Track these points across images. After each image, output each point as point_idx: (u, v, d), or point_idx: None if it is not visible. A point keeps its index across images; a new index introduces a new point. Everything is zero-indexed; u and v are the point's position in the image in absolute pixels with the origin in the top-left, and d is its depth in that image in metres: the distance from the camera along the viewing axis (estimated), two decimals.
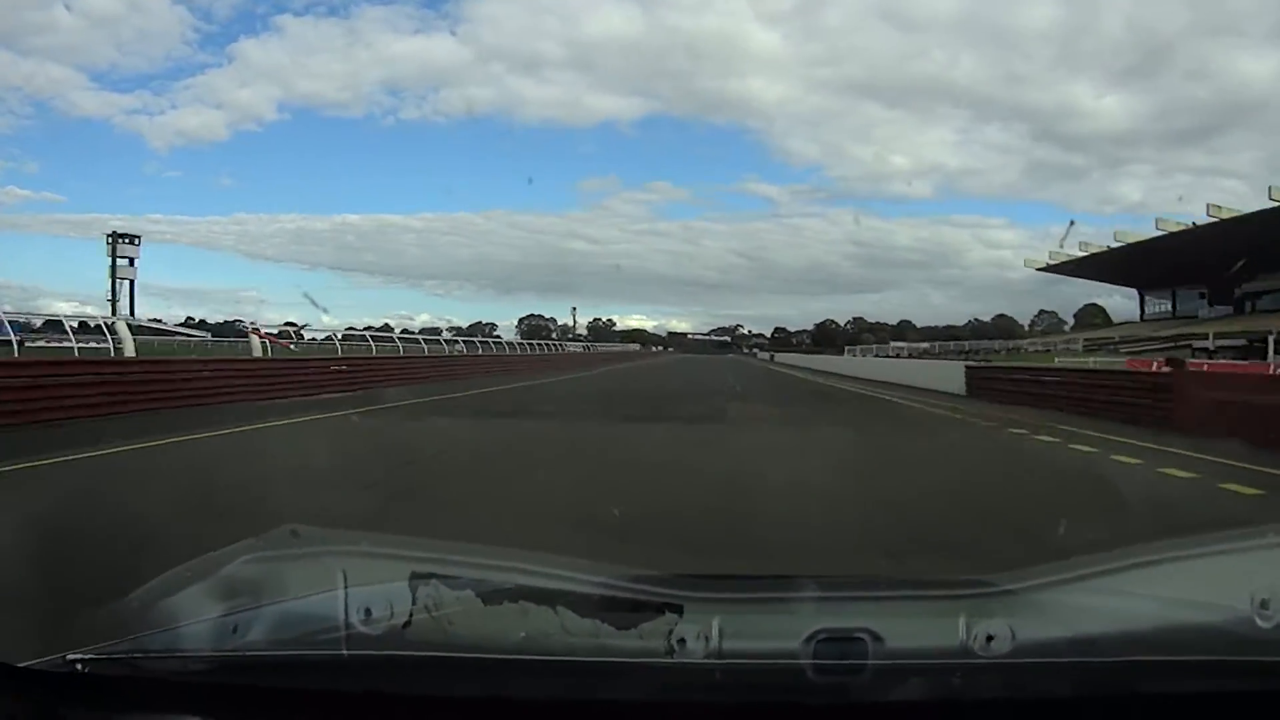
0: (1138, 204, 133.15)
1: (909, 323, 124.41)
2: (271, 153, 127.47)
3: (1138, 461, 12.14)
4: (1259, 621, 1.72)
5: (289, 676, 1.65)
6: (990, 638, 1.62)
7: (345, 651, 1.65)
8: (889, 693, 1.55)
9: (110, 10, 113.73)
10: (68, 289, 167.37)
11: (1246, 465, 10.97)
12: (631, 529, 7.01)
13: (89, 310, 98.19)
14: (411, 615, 1.80)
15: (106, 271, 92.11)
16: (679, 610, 1.83)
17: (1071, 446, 14.15)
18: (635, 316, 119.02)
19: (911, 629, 1.99)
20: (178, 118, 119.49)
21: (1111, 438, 14.83)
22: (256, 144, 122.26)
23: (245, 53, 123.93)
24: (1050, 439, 15.35)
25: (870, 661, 1.57)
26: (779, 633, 1.88)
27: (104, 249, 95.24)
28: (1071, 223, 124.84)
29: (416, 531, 6.34)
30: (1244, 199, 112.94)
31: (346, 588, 1.81)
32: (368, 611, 1.74)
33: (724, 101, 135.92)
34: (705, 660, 1.62)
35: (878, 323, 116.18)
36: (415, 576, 1.95)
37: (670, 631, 1.70)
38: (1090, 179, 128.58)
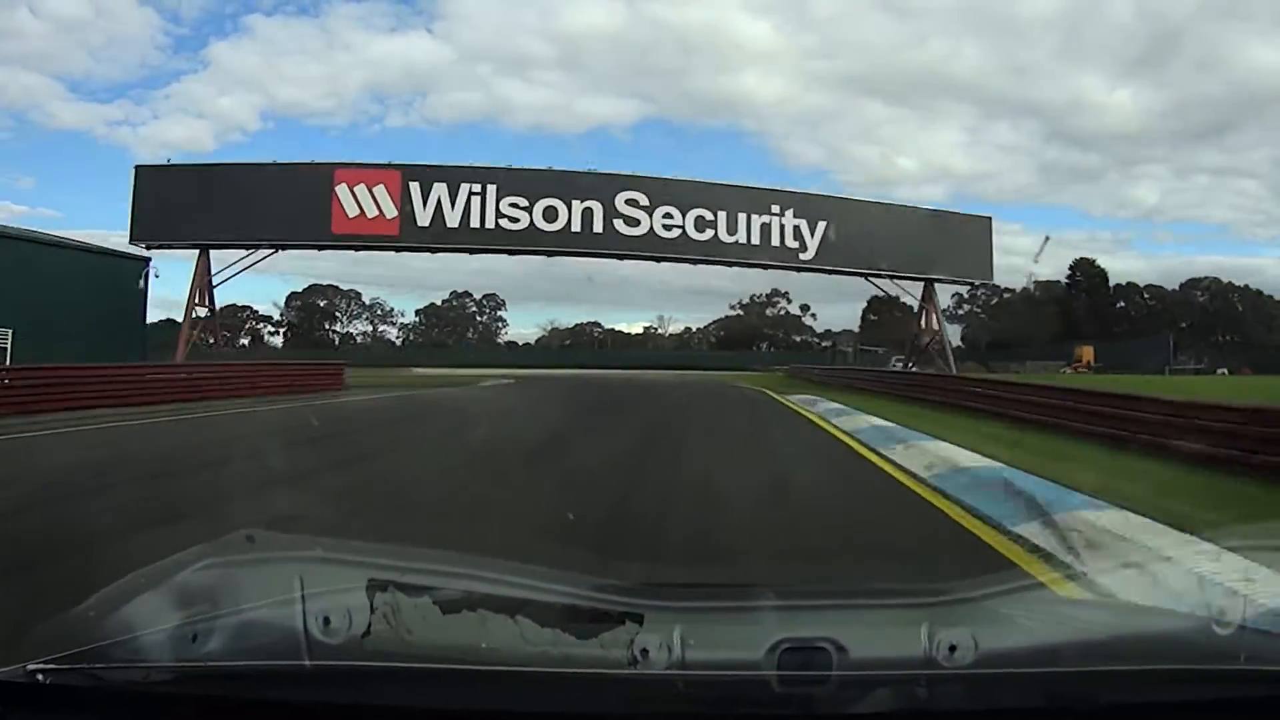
0: (1153, 209, 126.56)
1: None
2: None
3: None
4: (1216, 629, 1.74)
5: (250, 687, 1.64)
6: (953, 647, 1.63)
7: (306, 662, 1.64)
8: (853, 704, 1.56)
9: (75, 14, 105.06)
10: None
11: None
12: None
13: None
14: (371, 624, 1.79)
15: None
16: (640, 620, 1.83)
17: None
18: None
19: (875, 639, 1.99)
20: (161, 128, 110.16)
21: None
22: (244, 154, 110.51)
23: (219, 57, 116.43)
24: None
25: (834, 672, 1.57)
26: (742, 643, 1.87)
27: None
28: (1046, 239, 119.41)
29: None
30: (1259, 201, 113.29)
31: (304, 595, 1.79)
32: (327, 620, 1.73)
33: (719, 101, 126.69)
34: (668, 671, 1.61)
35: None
36: (373, 584, 1.94)
37: (632, 641, 1.69)
38: (1106, 180, 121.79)
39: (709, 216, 47.49)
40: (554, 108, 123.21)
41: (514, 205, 46.63)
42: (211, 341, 49.09)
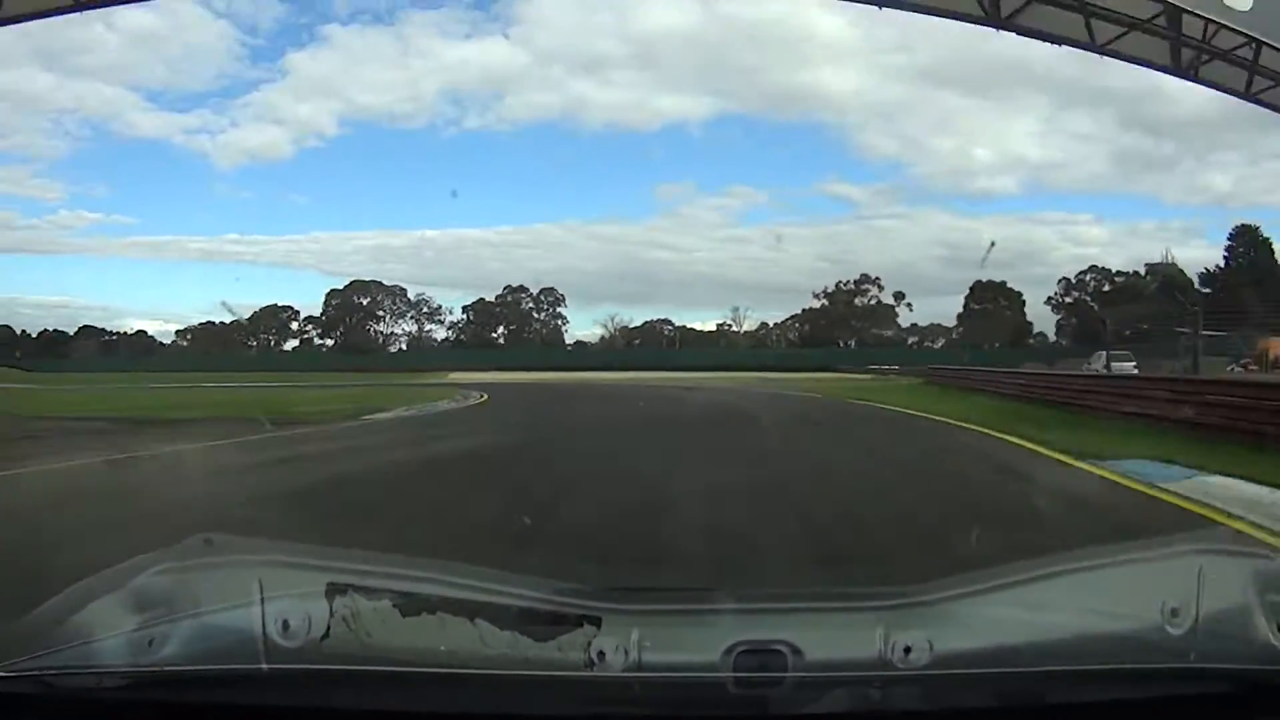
0: (1227, 194, 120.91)
1: None
2: (339, 168, 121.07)
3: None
4: (1170, 629, 1.76)
5: (207, 691, 1.63)
6: (908, 649, 1.63)
7: (264, 665, 1.62)
8: (808, 705, 1.58)
9: (151, 27, 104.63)
10: (148, 308, 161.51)
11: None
12: None
13: (171, 328, 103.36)
14: (330, 627, 1.81)
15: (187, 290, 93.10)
16: (598, 623, 1.86)
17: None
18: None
19: (830, 641, 2.02)
20: (240, 136, 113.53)
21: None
22: (323, 160, 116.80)
23: (297, 66, 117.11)
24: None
25: (789, 674, 1.59)
26: (698, 645, 1.91)
27: (183, 270, 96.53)
28: (992, 243, 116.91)
29: None
30: None
31: (263, 599, 1.79)
32: (285, 624, 1.72)
33: (794, 95, 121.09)
34: (624, 674, 1.62)
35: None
36: (332, 587, 1.99)
37: (589, 644, 1.70)
38: (1180, 168, 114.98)
39: None
40: (629, 106, 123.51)
41: None
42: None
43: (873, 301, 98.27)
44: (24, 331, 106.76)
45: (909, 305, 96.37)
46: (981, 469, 13.20)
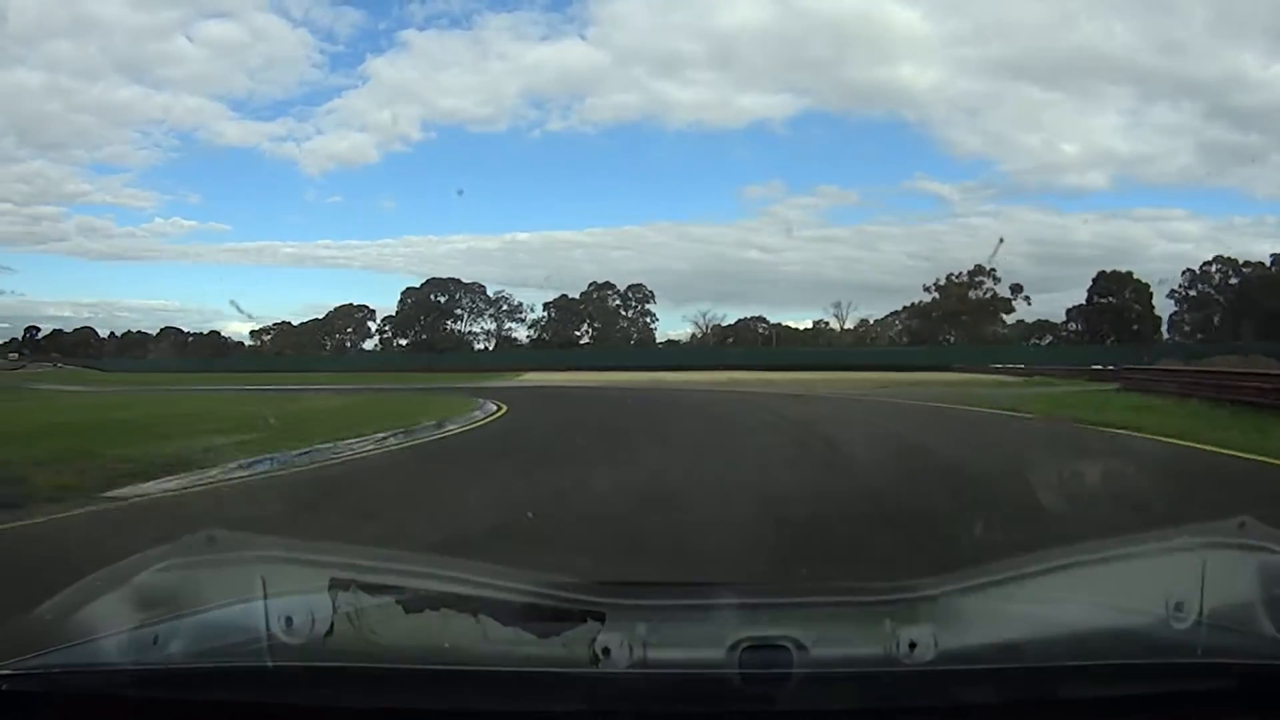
0: None
1: None
2: (427, 172, 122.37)
3: None
4: (1174, 624, 1.75)
5: (211, 688, 1.62)
6: (913, 645, 1.62)
7: (269, 663, 1.63)
8: (815, 701, 1.58)
9: (232, 38, 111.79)
10: (234, 310, 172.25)
11: None
12: None
13: (246, 328, 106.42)
14: (333, 624, 1.81)
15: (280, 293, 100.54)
16: (602, 618, 1.83)
17: None
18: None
19: (835, 637, 2.02)
20: (325, 143, 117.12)
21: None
22: (408, 164, 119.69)
23: (377, 72, 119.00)
24: None
25: (795, 670, 1.58)
26: (703, 641, 1.90)
27: (274, 274, 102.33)
28: (1000, 240, 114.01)
29: None
30: None
31: (266, 596, 1.79)
32: (289, 620, 1.72)
33: (875, 91, 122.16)
34: (630, 670, 1.61)
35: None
36: (335, 583, 1.97)
37: (594, 640, 1.68)
38: (1270, 161, 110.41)
39: None
40: (711, 105, 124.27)
41: None
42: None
43: (987, 294, 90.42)
44: (111, 334, 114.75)
45: (1026, 299, 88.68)
46: None
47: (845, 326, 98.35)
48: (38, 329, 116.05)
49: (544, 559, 5.94)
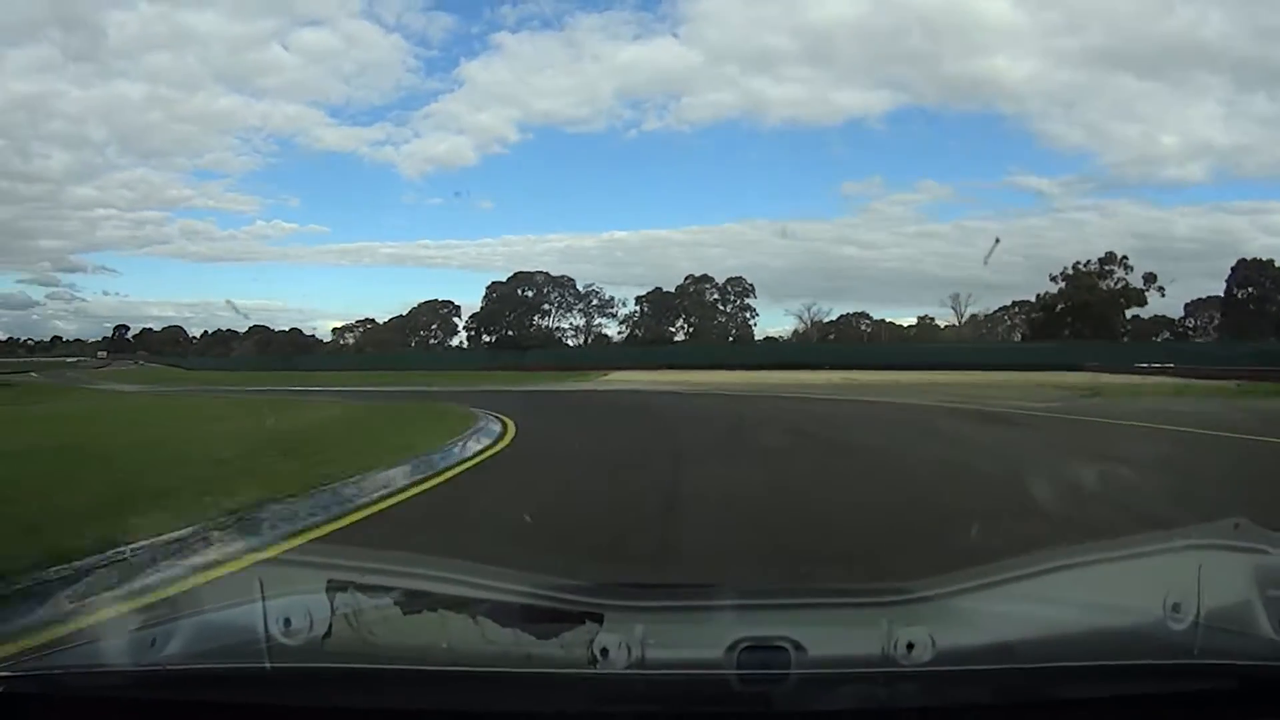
0: None
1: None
2: (524, 173, 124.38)
3: None
4: (1171, 625, 1.76)
5: (211, 690, 1.63)
6: (911, 645, 1.63)
7: (267, 664, 1.62)
8: (812, 702, 1.58)
9: (326, 46, 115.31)
10: (339, 310, 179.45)
11: None
12: None
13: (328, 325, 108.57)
14: (331, 626, 1.80)
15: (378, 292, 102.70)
16: (600, 619, 1.83)
17: None
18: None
19: (833, 638, 2.02)
20: (423, 146, 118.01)
21: None
22: (506, 166, 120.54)
23: (472, 75, 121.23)
24: None
25: (793, 671, 1.58)
26: (701, 642, 1.90)
27: (370, 275, 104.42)
28: (997, 240, 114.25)
29: None
30: None
31: (264, 597, 1.77)
32: (287, 622, 1.71)
33: (970, 84, 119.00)
34: (628, 671, 1.61)
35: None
36: (334, 585, 1.96)
37: (592, 641, 1.69)
38: None
39: None
40: (806, 102, 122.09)
41: None
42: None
43: (1119, 285, 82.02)
44: (205, 332, 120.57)
45: (1160, 290, 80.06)
46: None
47: (963, 321, 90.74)
48: (127, 327, 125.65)
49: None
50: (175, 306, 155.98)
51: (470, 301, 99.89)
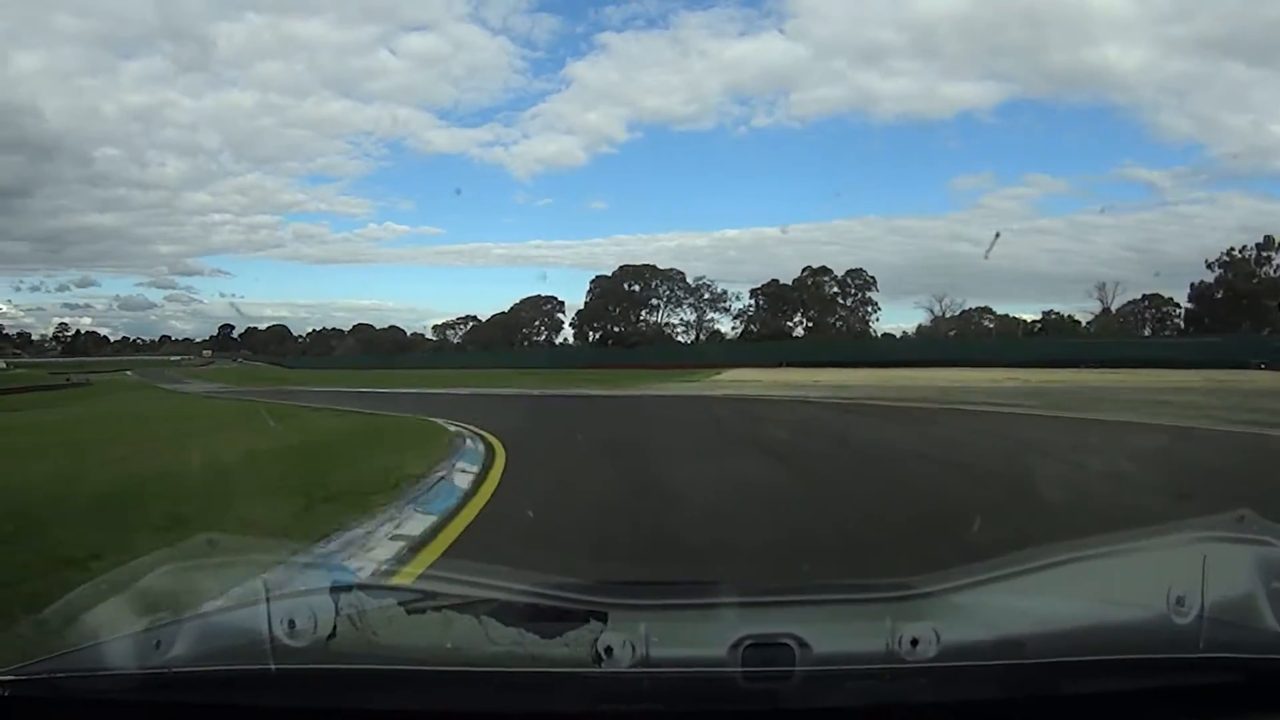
0: None
1: None
2: (633, 172, 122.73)
3: None
4: (1175, 619, 1.75)
5: (216, 692, 1.63)
6: (915, 641, 1.62)
7: (272, 666, 1.62)
8: (817, 699, 1.57)
9: (433, 49, 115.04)
10: (448, 309, 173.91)
11: None
12: None
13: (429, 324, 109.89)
14: (335, 626, 1.80)
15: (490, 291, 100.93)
16: (604, 618, 1.83)
17: None
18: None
19: (837, 634, 2.00)
20: (532, 146, 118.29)
21: None
22: (616, 165, 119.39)
23: (579, 75, 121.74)
24: None
25: (797, 668, 1.58)
26: (705, 640, 1.89)
27: (478, 274, 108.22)
28: (997, 234, 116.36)
29: None
30: None
31: (268, 599, 1.78)
32: (291, 623, 1.72)
33: (1079, 75, 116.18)
34: (633, 669, 1.61)
35: None
36: (337, 586, 1.96)
37: (596, 640, 1.69)
38: None
39: None
40: (916, 95, 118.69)
41: None
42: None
43: (1278, 272, 73.16)
44: (313, 331, 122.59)
45: None
46: None
47: (1113, 312, 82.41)
48: (232, 326, 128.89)
49: None
50: (290, 307, 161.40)
51: (579, 300, 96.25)
